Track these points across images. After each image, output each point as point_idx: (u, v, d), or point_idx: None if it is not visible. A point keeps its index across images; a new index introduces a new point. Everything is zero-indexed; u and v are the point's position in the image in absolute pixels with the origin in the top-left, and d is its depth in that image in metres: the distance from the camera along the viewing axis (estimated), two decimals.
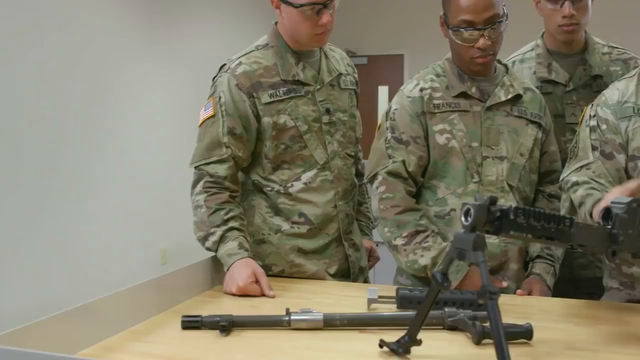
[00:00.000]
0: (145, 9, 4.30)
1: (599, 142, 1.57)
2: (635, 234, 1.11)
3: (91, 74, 3.82)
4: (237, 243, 1.64)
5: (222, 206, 1.68)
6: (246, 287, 1.55)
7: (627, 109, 1.55)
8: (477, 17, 1.60)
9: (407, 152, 1.69)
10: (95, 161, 3.86)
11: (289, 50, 1.76)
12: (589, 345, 1.23)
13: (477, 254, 0.97)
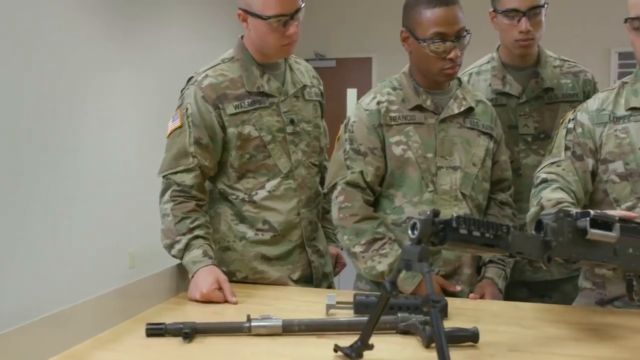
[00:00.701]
0: (114, 17, 4.30)
1: (573, 143, 1.68)
2: (565, 242, 1.20)
3: (59, 79, 3.81)
4: (201, 251, 1.69)
5: (188, 215, 1.73)
6: (209, 293, 1.61)
7: (604, 116, 1.65)
8: (449, 30, 1.69)
9: (365, 163, 1.76)
10: (62, 165, 3.86)
11: (254, 63, 1.82)
12: (531, 347, 1.31)
13: (422, 265, 1.03)
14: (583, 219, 1.22)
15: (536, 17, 1.96)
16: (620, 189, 1.59)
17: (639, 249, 1.34)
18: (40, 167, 3.69)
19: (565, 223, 1.20)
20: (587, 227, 1.22)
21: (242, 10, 1.75)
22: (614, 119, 1.63)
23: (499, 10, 1.98)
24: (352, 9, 6.77)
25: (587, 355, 1.26)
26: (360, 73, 6.98)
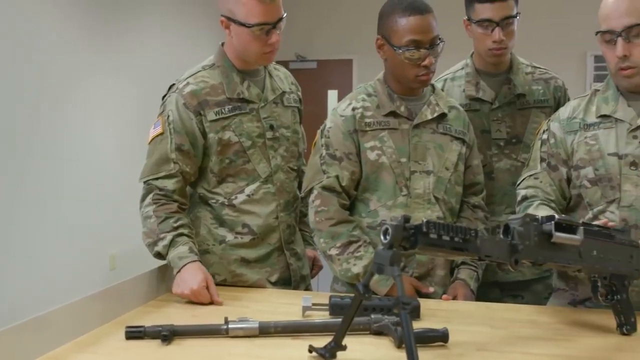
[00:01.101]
0: (95, 21, 4.29)
1: (547, 154, 1.75)
2: (531, 245, 1.25)
3: (39, 84, 3.81)
4: (187, 247, 1.73)
5: (171, 215, 1.76)
6: (199, 290, 1.64)
7: (574, 124, 1.71)
8: (424, 38, 1.73)
9: (341, 168, 1.80)
10: (44, 169, 3.85)
11: (235, 70, 1.85)
12: (500, 346, 1.36)
13: (393, 269, 1.07)
14: (548, 223, 1.28)
15: (509, 26, 2.01)
16: (592, 194, 1.65)
17: (602, 252, 1.40)
18: (22, 171, 3.69)
19: (532, 227, 1.25)
20: (552, 230, 1.27)
21: (225, 17, 1.78)
22: (584, 127, 1.69)
23: (473, 20, 2.03)
24: (333, 11, 6.81)
25: (554, 354, 1.31)
26: (340, 75, 7.02)
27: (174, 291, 1.68)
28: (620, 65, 1.57)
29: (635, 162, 1.58)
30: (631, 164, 1.59)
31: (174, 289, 1.68)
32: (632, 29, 1.53)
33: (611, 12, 1.56)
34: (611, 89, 1.68)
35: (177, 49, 5.20)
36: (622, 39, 1.54)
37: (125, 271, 4.10)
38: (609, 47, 1.59)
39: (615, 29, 1.55)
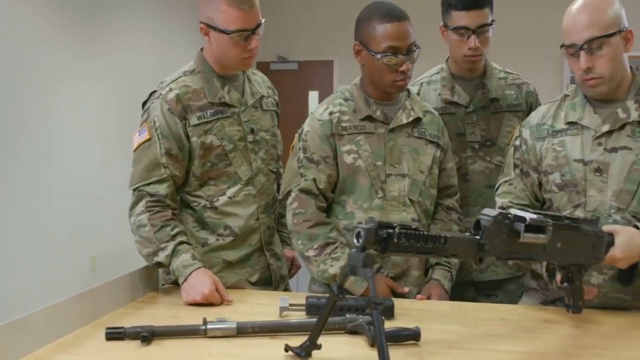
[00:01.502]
0: (74, 24, 4.29)
1: (520, 161, 1.80)
2: (499, 242, 1.28)
3: (19, 87, 3.80)
4: (189, 255, 1.75)
5: (167, 223, 1.78)
6: (211, 294, 1.68)
7: (543, 131, 1.76)
8: (401, 44, 1.78)
9: (318, 171, 1.84)
10: (23, 170, 3.84)
11: (215, 75, 1.88)
12: (470, 344, 1.41)
13: (366, 271, 1.10)
14: (519, 223, 1.30)
15: (484, 34, 2.06)
16: (559, 199, 1.71)
17: (566, 244, 1.44)
18: (2, 173, 3.68)
19: (503, 225, 1.28)
20: (521, 231, 1.30)
21: (204, 24, 1.81)
22: (552, 133, 1.74)
23: (450, 27, 2.07)
24: (314, 13, 6.85)
25: (520, 351, 1.36)
26: (321, 76, 7.06)
27: (185, 299, 1.70)
28: (584, 77, 1.62)
29: (600, 169, 1.63)
30: (595, 170, 1.64)
31: (184, 297, 1.70)
32: (593, 42, 1.58)
33: (572, 27, 1.61)
34: (579, 96, 1.73)
35: (158, 52, 5.21)
36: (585, 52, 1.59)
37: (105, 272, 4.10)
38: (573, 59, 1.64)
39: (577, 43, 1.60)
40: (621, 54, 1.62)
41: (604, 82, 1.62)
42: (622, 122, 1.64)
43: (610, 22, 1.59)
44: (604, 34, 1.58)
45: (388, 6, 1.83)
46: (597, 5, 1.61)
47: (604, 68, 1.60)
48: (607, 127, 1.65)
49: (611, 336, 1.47)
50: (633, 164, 1.61)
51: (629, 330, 1.51)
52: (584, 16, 1.60)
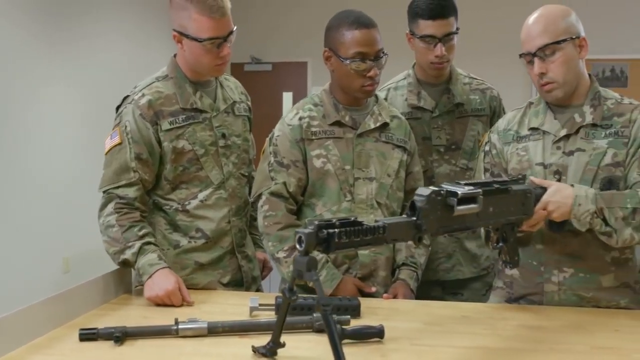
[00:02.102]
0: (45, 28, 4.28)
1: (490, 165, 1.87)
2: (435, 219, 1.32)
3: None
4: (156, 255, 1.79)
5: (135, 224, 1.82)
6: (174, 291, 1.72)
7: (509, 136, 1.84)
8: (369, 50, 1.84)
9: (288, 175, 1.90)
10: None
11: (187, 81, 1.92)
12: (432, 341, 1.47)
13: (310, 274, 1.14)
14: (452, 198, 1.34)
15: (450, 42, 2.13)
16: None
17: (498, 207, 1.50)
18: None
19: (437, 202, 1.32)
20: (454, 206, 1.34)
21: (177, 32, 1.85)
22: (517, 139, 1.82)
23: (417, 35, 2.14)
24: (288, 15, 6.88)
25: (480, 347, 1.44)
26: (295, 77, 7.10)
27: (147, 295, 1.74)
28: (540, 82, 1.72)
29: (559, 171, 1.72)
30: (555, 172, 1.72)
31: (147, 293, 1.74)
32: (546, 48, 1.68)
33: (527, 36, 1.72)
34: (542, 103, 1.82)
35: (131, 56, 5.19)
36: (538, 59, 1.69)
37: (79, 274, 4.11)
38: (529, 67, 1.73)
39: (531, 50, 1.70)
40: (574, 60, 1.71)
41: (559, 86, 1.71)
42: (578, 126, 1.72)
43: (562, 30, 1.68)
44: (554, 40, 1.67)
45: (357, 14, 1.89)
46: (550, 15, 1.71)
47: (556, 73, 1.69)
48: (564, 131, 1.73)
49: (567, 332, 1.54)
50: (587, 165, 1.70)
51: (585, 326, 1.59)
52: (538, 26, 1.70)
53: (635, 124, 1.69)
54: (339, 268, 1.90)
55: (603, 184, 1.68)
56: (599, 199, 1.60)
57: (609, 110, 1.73)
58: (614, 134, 1.70)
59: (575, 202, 1.59)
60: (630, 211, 1.60)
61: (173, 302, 1.72)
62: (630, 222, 1.60)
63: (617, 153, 1.69)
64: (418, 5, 2.12)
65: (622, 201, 1.61)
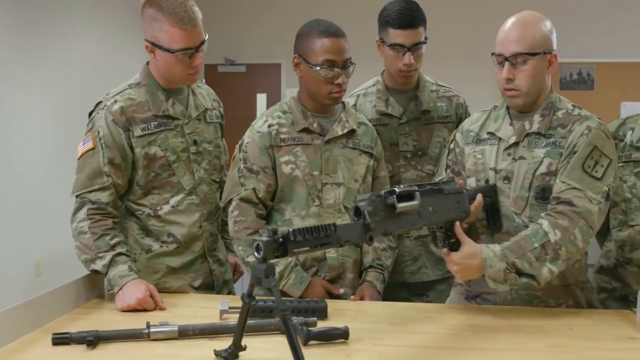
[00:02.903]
0: (17, 31, 4.26)
1: (452, 162, 1.95)
2: (380, 219, 1.40)
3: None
4: (127, 266, 1.83)
5: (107, 232, 1.85)
6: (145, 298, 1.76)
7: (470, 137, 1.91)
8: (339, 58, 1.91)
9: (257, 181, 1.95)
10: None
11: (159, 88, 1.96)
12: (394, 341, 1.54)
13: (268, 280, 1.19)
14: (390, 196, 1.43)
15: (418, 51, 2.20)
16: None
17: (436, 206, 1.60)
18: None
19: (378, 203, 1.40)
20: (395, 203, 1.42)
21: (149, 42, 1.89)
22: (476, 141, 1.89)
23: (386, 43, 2.20)
24: (262, 16, 6.91)
25: (440, 347, 1.51)
26: (269, 78, 7.13)
27: (119, 306, 1.77)
28: (505, 86, 1.77)
29: (508, 177, 1.79)
30: (504, 178, 1.79)
31: (118, 304, 1.78)
32: (518, 56, 1.73)
33: (504, 38, 1.76)
34: (503, 108, 1.88)
35: (102, 60, 5.18)
36: (509, 64, 1.74)
37: (50, 277, 4.11)
38: (499, 68, 1.78)
39: (504, 54, 1.75)
40: (542, 73, 1.77)
41: (521, 95, 1.77)
42: (525, 134, 1.79)
43: (537, 43, 1.73)
44: (529, 51, 1.72)
45: (327, 23, 1.96)
46: (529, 24, 1.76)
47: (522, 82, 1.75)
48: (514, 138, 1.80)
49: (524, 331, 1.62)
50: (526, 173, 1.77)
51: (541, 326, 1.66)
52: (515, 31, 1.74)
53: (572, 134, 1.74)
54: (307, 271, 1.96)
55: (537, 192, 1.74)
56: (507, 252, 1.63)
57: (557, 121, 1.78)
58: (552, 144, 1.76)
59: (486, 265, 1.62)
60: (539, 249, 1.63)
61: (146, 308, 1.76)
62: (544, 258, 1.63)
63: (552, 163, 1.74)
64: (388, 14, 2.18)
65: (529, 244, 1.64)
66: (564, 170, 1.71)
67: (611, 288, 1.98)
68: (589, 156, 1.70)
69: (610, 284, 1.99)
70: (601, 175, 1.70)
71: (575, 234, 1.64)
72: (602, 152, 1.71)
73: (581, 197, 1.67)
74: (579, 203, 1.66)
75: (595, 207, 1.67)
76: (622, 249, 1.93)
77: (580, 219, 1.65)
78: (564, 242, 1.63)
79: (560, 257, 1.64)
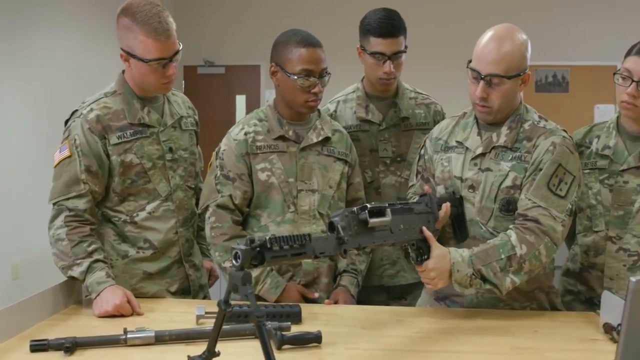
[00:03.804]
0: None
1: (422, 168, 2.00)
2: (354, 234, 1.45)
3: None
4: (104, 273, 1.86)
5: (84, 239, 1.88)
6: (122, 305, 1.79)
7: (438, 145, 1.96)
8: (315, 67, 1.95)
9: (234, 188, 1.99)
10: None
11: (135, 97, 1.99)
12: (366, 344, 1.59)
13: (245, 288, 1.22)
14: (362, 212, 1.49)
15: (398, 59, 2.25)
16: None
17: (407, 224, 1.66)
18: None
19: (351, 219, 1.46)
20: (367, 218, 1.48)
21: (124, 51, 1.92)
22: (444, 149, 1.94)
23: (367, 51, 2.25)
24: (241, 18, 6.92)
25: (412, 350, 1.56)
26: (249, 80, 7.15)
27: (96, 312, 1.80)
28: (477, 102, 1.81)
29: (474, 186, 1.84)
30: (470, 187, 1.85)
31: (96, 310, 1.80)
32: (494, 77, 1.76)
33: (481, 56, 1.78)
34: (472, 117, 1.93)
35: (78, 65, 5.15)
36: (484, 82, 1.77)
37: (28, 280, 4.09)
38: (473, 81, 1.81)
39: (481, 72, 1.77)
40: (515, 92, 1.81)
41: (492, 112, 1.81)
42: (492, 146, 1.84)
43: (514, 65, 1.76)
44: (505, 75, 1.75)
45: (304, 33, 2.00)
46: (507, 42, 1.75)
47: (495, 101, 1.79)
48: (480, 149, 1.85)
49: (491, 334, 1.68)
50: (492, 185, 1.82)
51: (508, 328, 1.72)
52: (493, 52, 1.75)
53: (537, 149, 1.79)
54: (283, 276, 2.00)
55: (502, 204, 1.80)
56: (475, 259, 1.69)
57: (523, 133, 1.83)
58: (518, 158, 1.81)
59: (454, 269, 1.68)
60: (505, 261, 1.69)
61: (123, 314, 1.79)
62: (508, 270, 1.70)
63: (517, 177, 1.79)
64: (370, 23, 2.23)
65: (496, 254, 1.70)
66: (530, 187, 1.77)
67: (577, 291, 2.06)
68: (554, 174, 1.76)
69: (575, 287, 2.06)
70: (565, 194, 1.76)
71: (540, 249, 1.71)
72: (566, 169, 1.77)
73: (546, 215, 1.73)
74: (545, 221, 1.73)
75: (560, 225, 1.74)
76: (587, 253, 2.00)
77: (545, 237, 1.72)
78: (528, 257, 1.70)
79: (524, 269, 1.71)
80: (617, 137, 1.98)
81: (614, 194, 1.95)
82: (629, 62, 1.91)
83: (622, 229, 1.94)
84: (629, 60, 1.91)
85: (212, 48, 6.91)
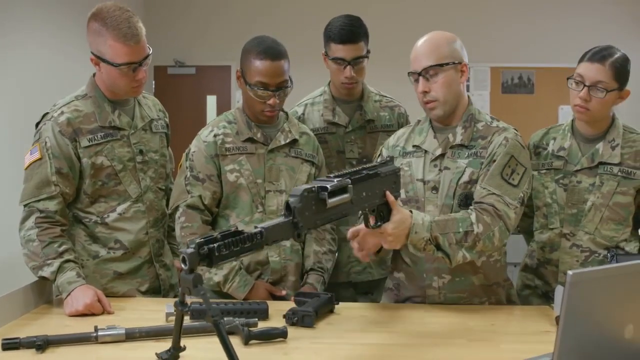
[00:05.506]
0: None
1: None
2: (311, 214, 1.41)
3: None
4: (75, 273, 1.89)
5: (55, 240, 1.91)
6: (93, 304, 1.82)
7: (396, 151, 2.02)
8: (271, 81, 1.99)
9: (203, 188, 2.03)
10: None
11: (106, 100, 2.02)
12: (330, 339, 1.65)
13: (197, 289, 1.23)
14: (323, 192, 1.41)
15: (359, 64, 2.33)
16: None
17: (370, 190, 1.62)
18: None
19: (310, 199, 1.39)
20: (326, 199, 1.42)
21: (94, 55, 1.95)
22: (403, 154, 2.00)
23: (329, 57, 2.33)
24: (212, 18, 6.93)
25: (373, 344, 1.62)
26: (219, 80, 7.15)
27: (67, 312, 1.82)
28: (423, 100, 1.90)
29: (436, 187, 1.92)
30: (432, 188, 1.92)
31: (67, 309, 1.83)
32: (430, 69, 1.86)
33: (415, 57, 1.90)
34: (427, 122, 2.00)
35: (51, 66, 5.12)
36: (423, 78, 1.87)
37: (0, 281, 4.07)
38: (416, 85, 1.91)
39: (417, 70, 1.88)
40: (455, 82, 1.90)
41: (439, 104, 1.89)
42: (450, 145, 1.92)
43: (446, 55, 1.87)
44: (437, 63, 1.86)
45: (269, 43, 2.03)
46: (436, 40, 1.90)
47: (438, 92, 1.87)
48: (439, 150, 1.93)
49: (450, 328, 1.75)
50: (450, 182, 1.90)
51: (466, 322, 1.79)
52: (424, 49, 1.89)
53: (491, 144, 1.88)
54: (251, 274, 2.06)
55: (460, 200, 1.88)
56: (434, 226, 1.73)
57: (477, 132, 1.92)
58: (474, 154, 1.89)
59: (412, 230, 1.70)
60: (462, 235, 1.75)
61: (94, 313, 1.82)
62: (463, 244, 1.75)
63: (474, 172, 1.87)
64: (331, 30, 2.31)
65: (455, 226, 1.75)
66: (484, 177, 1.85)
67: (534, 285, 2.15)
68: (507, 165, 1.84)
69: (533, 281, 2.16)
70: (517, 183, 1.84)
71: (495, 232, 1.78)
72: (518, 161, 1.86)
73: (500, 201, 1.81)
74: (499, 207, 1.80)
75: (512, 211, 1.81)
76: (543, 249, 2.10)
77: (500, 220, 1.79)
78: (483, 237, 1.77)
79: (476, 248, 1.77)
80: (571, 139, 2.08)
81: (568, 193, 2.05)
82: (581, 68, 2.01)
83: (575, 227, 2.04)
84: (582, 66, 2.01)
85: (183, 48, 6.90)
